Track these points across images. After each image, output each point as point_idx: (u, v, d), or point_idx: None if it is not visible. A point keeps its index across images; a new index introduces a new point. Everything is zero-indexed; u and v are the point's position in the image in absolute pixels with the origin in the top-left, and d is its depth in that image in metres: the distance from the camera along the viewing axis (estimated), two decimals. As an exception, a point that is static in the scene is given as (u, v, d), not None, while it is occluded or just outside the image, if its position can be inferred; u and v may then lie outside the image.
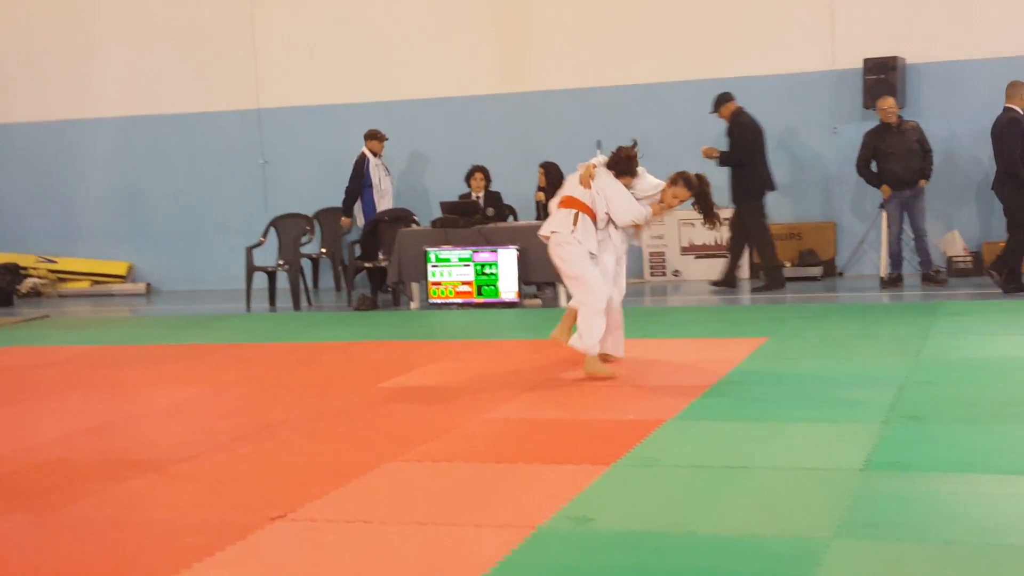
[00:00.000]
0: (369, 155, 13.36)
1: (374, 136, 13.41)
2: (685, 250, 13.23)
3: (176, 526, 4.86)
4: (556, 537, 4.45)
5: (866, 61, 12.32)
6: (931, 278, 11.71)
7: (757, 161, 11.90)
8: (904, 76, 12.43)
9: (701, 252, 13.17)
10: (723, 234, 11.92)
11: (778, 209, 13.01)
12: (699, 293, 12.28)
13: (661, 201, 7.67)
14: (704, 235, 13.11)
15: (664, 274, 13.29)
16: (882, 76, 12.23)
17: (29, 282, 15.02)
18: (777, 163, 13.02)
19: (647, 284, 13.19)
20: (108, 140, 15.27)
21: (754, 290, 11.96)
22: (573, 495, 4.93)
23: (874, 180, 11.97)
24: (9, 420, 7.20)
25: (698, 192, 7.65)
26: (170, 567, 4.31)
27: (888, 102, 11.83)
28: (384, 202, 13.37)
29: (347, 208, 13.37)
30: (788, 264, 12.71)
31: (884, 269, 12.17)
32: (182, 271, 15.07)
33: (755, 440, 5.77)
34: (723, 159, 11.89)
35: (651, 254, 13.28)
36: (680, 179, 7.63)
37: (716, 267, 13.05)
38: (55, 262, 15.37)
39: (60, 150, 15.45)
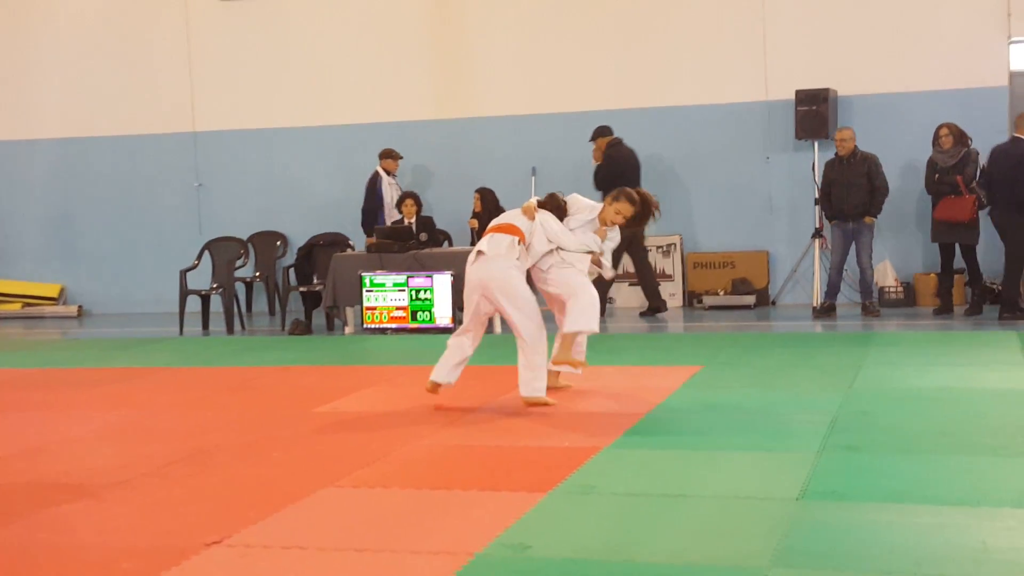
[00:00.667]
0: (383, 174, 13.33)
1: (388, 155, 13.36)
2: (619, 277, 13.32)
3: (111, 551, 4.80)
4: (494, 564, 4.46)
5: (798, 92, 12.54)
6: (868, 308, 11.85)
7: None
8: (836, 108, 12.66)
9: (633, 280, 13.27)
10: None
11: (712, 237, 13.18)
12: (631, 320, 12.37)
13: (603, 222, 7.68)
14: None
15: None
16: (813, 107, 12.45)
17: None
18: (711, 192, 13.21)
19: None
20: (43, 161, 15.08)
21: (641, 314, 12.40)
22: (510, 522, 4.94)
23: (827, 211, 12.09)
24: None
25: (642, 209, 7.65)
26: (102, 594, 4.26)
27: (844, 133, 11.92)
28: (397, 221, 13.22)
29: (367, 227, 13.13)
30: (722, 292, 12.86)
31: (817, 299, 12.35)
32: (115, 294, 14.88)
33: (691, 468, 5.82)
34: (595, 179, 12.34)
35: (586, 281, 13.34)
36: (622, 195, 7.64)
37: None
38: (-18, 282, 15.12)
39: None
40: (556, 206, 7.65)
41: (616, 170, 12.12)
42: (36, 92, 14.95)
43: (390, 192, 13.28)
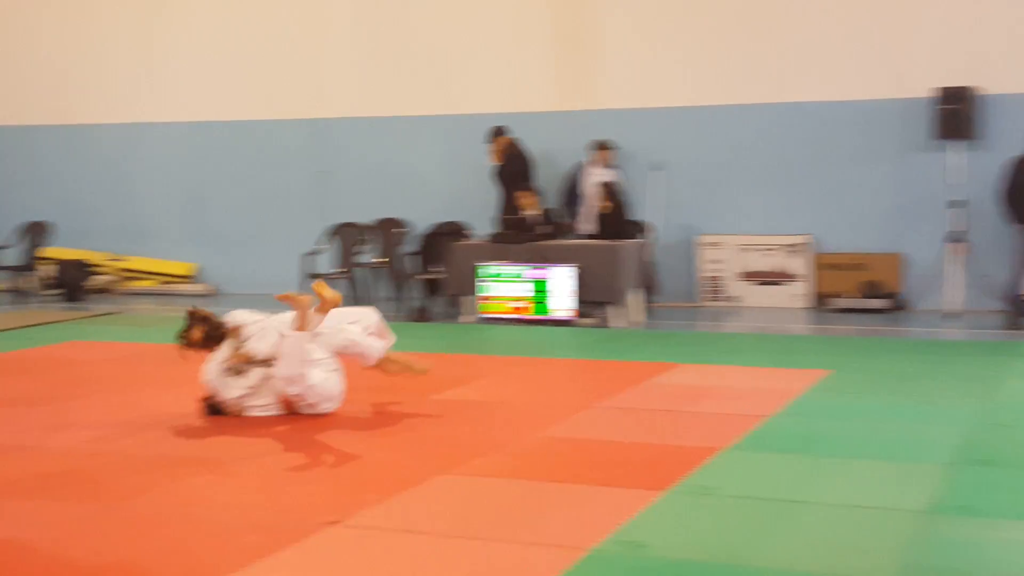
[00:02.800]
0: (590, 165, 12.95)
1: (599, 146, 12.96)
2: (742, 276, 13.12)
3: (235, 524, 4.91)
4: (608, 561, 4.42)
5: (940, 90, 12.11)
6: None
7: (523, 188, 12.75)
8: (979, 107, 12.18)
9: (759, 278, 13.05)
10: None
11: (842, 238, 12.87)
12: (758, 320, 12.16)
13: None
14: (763, 261, 13.00)
15: (718, 299, 13.18)
16: (956, 106, 12.01)
17: (99, 279, 15.23)
18: (841, 191, 12.90)
19: (704, 309, 13.06)
20: (178, 144, 15.43)
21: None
22: (625, 519, 4.89)
23: (1015, 213, 11.41)
24: (76, 412, 7.28)
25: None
26: (228, 564, 4.36)
27: None
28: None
29: (570, 213, 12.95)
30: (852, 295, 12.54)
31: (954, 303, 11.91)
32: (244, 274, 15.16)
33: (813, 475, 5.69)
34: (497, 174, 12.89)
35: (707, 279, 13.18)
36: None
37: (774, 294, 12.96)
38: (124, 260, 15.56)
39: (132, 151, 15.64)
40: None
41: (516, 168, 12.78)
42: (171, 76, 15.31)
43: (589, 183, 12.80)
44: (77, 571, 4.38)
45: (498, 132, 13.11)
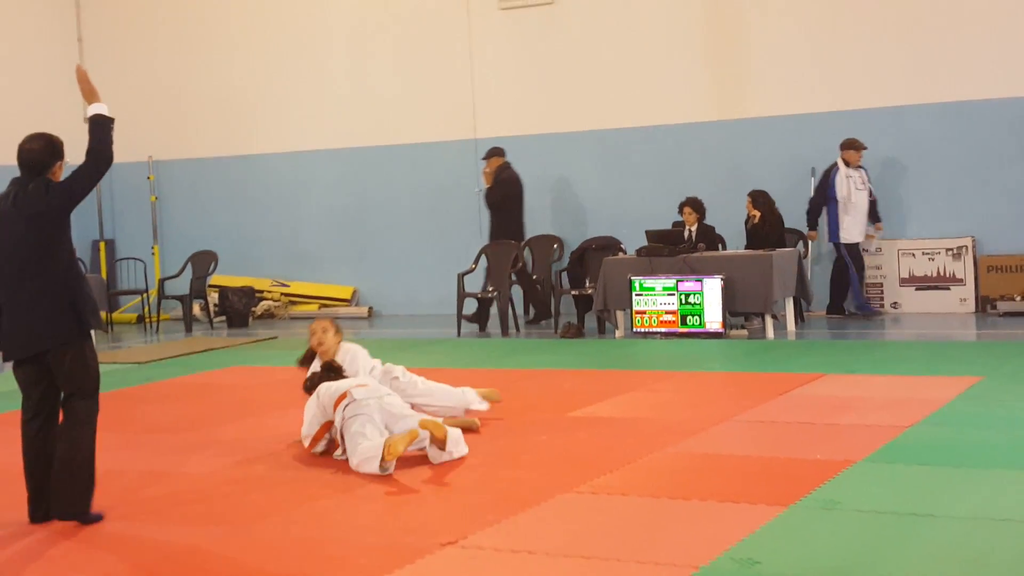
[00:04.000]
0: (841, 165, 12.29)
1: (850, 145, 12.28)
2: (904, 281, 12.70)
3: (351, 546, 5.01)
4: (717, 579, 4.35)
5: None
6: None
7: (514, 210, 13.47)
8: None
9: (921, 284, 12.62)
10: None
11: (1008, 240, 12.35)
12: (918, 327, 11.77)
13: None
14: (925, 266, 12.57)
15: (882, 306, 12.79)
16: None
17: (263, 305, 15.77)
18: (1007, 191, 12.40)
19: (862, 317, 12.70)
20: (336, 169, 15.88)
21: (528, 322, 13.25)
22: (743, 536, 4.81)
23: None
24: (222, 438, 7.56)
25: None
26: (338, 587, 4.44)
27: None
28: (850, 219, 12.33)
29: (810, 220, 12.56)
30: (1019, 298, 12.03)
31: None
32: (402, 295, 15.48)
33: (947, 486, 5.48)
34: (486, 197, 13.59)
35: (868, 285, 12.81)
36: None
37: (937, 299, 12.52)
38: (287, 286, 16.08)
39: (293, 179, 16.17)
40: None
41: (507, 191, 13.36)
42: (331, 104, 15.76)
43: (846, 186, 12.19)
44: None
45: (492, 153, 13.57)
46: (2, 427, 8.18)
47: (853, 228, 12.40)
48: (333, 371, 7.02)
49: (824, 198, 12.45)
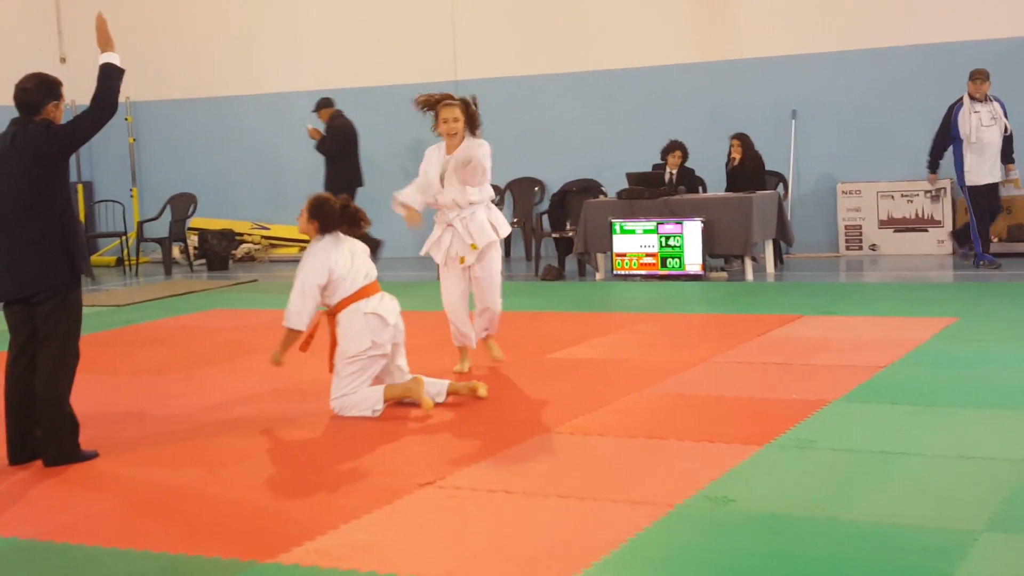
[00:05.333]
0: (965, 99, 11.21)
1: (971, 76, 11.19)
2: (883, 223, 12.74)
3: (330, 487, 5.04)
4: (691, 517, 4.40)
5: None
6: None
7: (348, 159, 13.56)
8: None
9: (900, 225, 12.66)
10: None
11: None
12: (896, 268, 11.82)
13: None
14: (904, 208, 12.61)
15: (860, 248, 12.84)
16: None
17: (244, 247, 15.73)
18: None
19: (842, 258, 12.77)
20: (308, 112, 15.77)
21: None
22: (718, 475, 4.86)
23: None
24: (203, 380, 7.59)
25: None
26: (318, 526, 4.48)
27: None
28: (974, 158, 11.16)
29: (931, 161, 11.64)
30: (996, 239, 12.08)
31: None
32: (383, 238, 15.41)
33: (920, 426, 5.55)
34: (319, 147, 13.61)
35: (847, 227, 12.85)
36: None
37: (916, 241, 12.56)
38: (268, 229, 16.03)
39: (273, 121, 16.05)
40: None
41: (340, 140, 13.50)
42: (311, 45, 15.62)
43: (969, 123, 11.11)
44: (170, 536, 4.58)
45: (322, 104, 13.80)
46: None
47: (978, 169, 11.22)
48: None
49: (947, 137, 11.43)
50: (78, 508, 4.93)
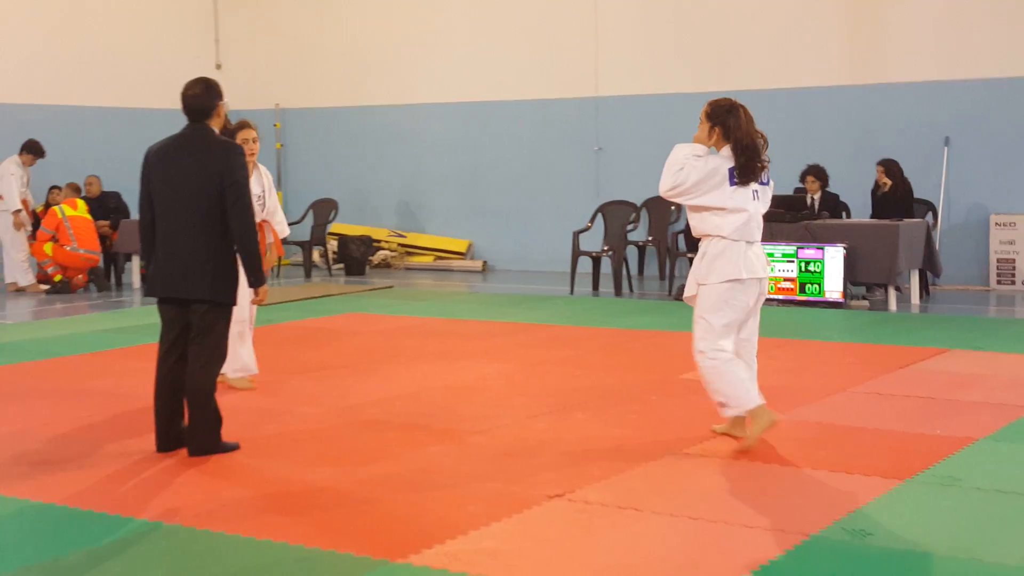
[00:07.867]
0: None
1: None
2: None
3: (461, 494, 5.04)
4: (827, 547, 4.28)
5: None
6: None
7: None
8: None
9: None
10: None
11: None
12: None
13: None
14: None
15: (1013, 283, 12.39)
16: None
17: (380, 254, 15.99)
18: None
19: (992, 292, 12.34)
20: (455, 124, 15.95)
21: None
22: (855, 507, 4.72)
23: None
24: (339, 381, 7.69)
25: None
26: (448, 530, 4.48)
27: None
28: None
29: None
30: None
31: None
32: (515, 251, 15.53)
33: (1073, 468, 5.30)
34: None
35: (999, 260, 12.42)
36: None
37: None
38: (404, 236, 16.25)
39: (415, 132, 16.28)
40: None
41: None
42: (452, 58, 15.81)
43: None
44: (305, 530, 4.63)
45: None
46: (134, 359, 8.45)
47: None
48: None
49: None
50: (219, 497, 5.03)
